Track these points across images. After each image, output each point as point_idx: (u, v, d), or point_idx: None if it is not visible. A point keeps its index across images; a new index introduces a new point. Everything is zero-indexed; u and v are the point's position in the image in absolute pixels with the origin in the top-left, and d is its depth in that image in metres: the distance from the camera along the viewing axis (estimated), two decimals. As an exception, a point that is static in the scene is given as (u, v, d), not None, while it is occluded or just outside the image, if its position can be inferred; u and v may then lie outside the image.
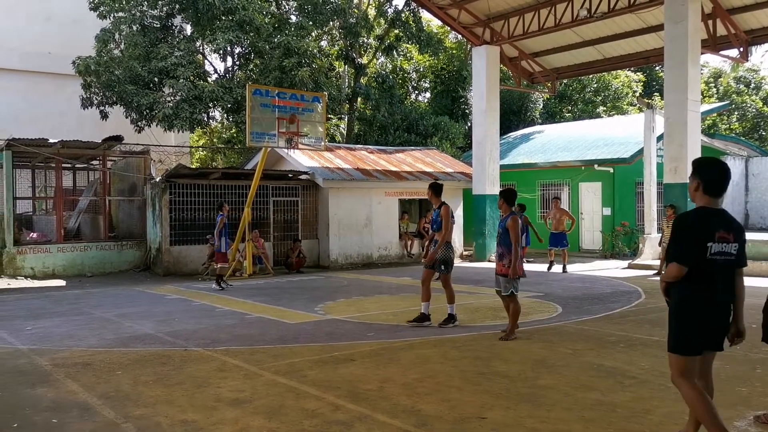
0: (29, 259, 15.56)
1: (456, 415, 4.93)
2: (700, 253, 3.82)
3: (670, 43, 15.14)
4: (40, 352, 7.30)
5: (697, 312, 3.88)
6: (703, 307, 3.88)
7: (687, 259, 3.84)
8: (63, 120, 24.26)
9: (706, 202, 3.96)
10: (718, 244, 3.83)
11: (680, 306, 3.94)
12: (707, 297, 3.87)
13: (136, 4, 21.78)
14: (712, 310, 3.90)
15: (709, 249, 3.81)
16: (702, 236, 3.82)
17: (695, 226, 3.88)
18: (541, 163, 22.21)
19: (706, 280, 3.85)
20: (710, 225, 3.85)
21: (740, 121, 36.38)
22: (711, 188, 3.94)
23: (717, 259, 3.83)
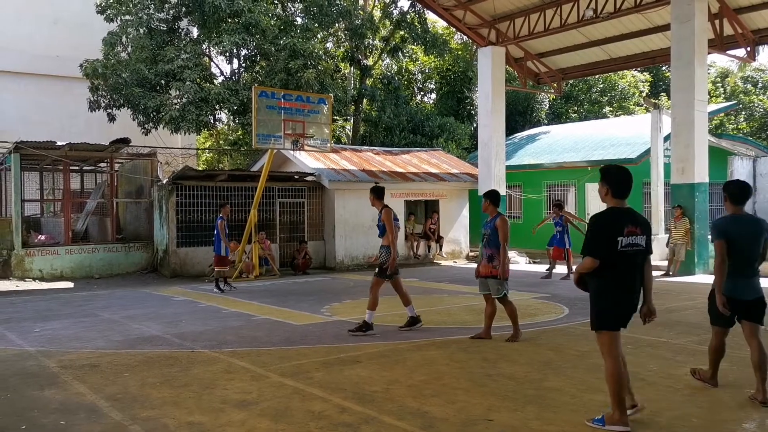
0: (37, 261, 15.64)
1: (463, 417, 4.92)
2: (611, 247, 4.46)
3: (677, 43, 15.08)
4: (48, 354, 7.33)
5: (613, 295, 4.54)
6: (617, 291, 4.54)
7: (599, 253, 4.51)
8: (71, 123, 24.40)
9: (615, 203, 4.65)
10: (627, 238, 4.48)
11: (599, 291, 4.59)
12: (620, 283, 4.53)
13: (143, 8, 21.88)
14: (625, 294, 4.56)
15: (619, 243, 4.46)
16: (612, 233, 4.48)
17: (606, 224, 4.56)
18: (547, 163, 22.15)
19: (619, 269, 4.51)
20: (619, 222, 4.52)
21: (748, 121, 36.20)
22: (617, 191, 4.64)
23: (627, 250, 4.49)
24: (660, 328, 8.43)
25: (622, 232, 4.49)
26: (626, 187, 4.66)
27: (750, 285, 5.23)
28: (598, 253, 4.51)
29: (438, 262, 19.49)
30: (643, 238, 4.56)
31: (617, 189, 4.65)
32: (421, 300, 11.40)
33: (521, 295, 11.79)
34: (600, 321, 4.63)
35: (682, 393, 5.45)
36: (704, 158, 15.06)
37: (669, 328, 8.44)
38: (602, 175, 4.72)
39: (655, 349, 7.17)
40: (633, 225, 4.55)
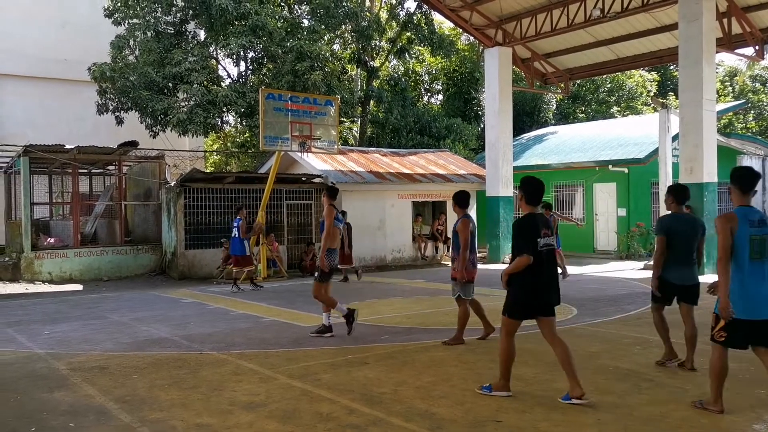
0: (46, 264, 15.72)
1: (471, 418, 4.91)
2: (534, 246, 5.18)
3: (685, 42, 15.01)
4: (57, 356, 7.37)
5: (533, 288, 5.23)
6: (537, 284, 5.23)
7: (530, 251, 5.17)
8: (79, 126, 24.51)
9: (529, 209, 5.36)
10: (543, 239, 5.23)
11: (522, 285, 5.25)
12: (539, 278, 5.23)
13: (150, 11, 21.97)
14: (543, 286, 5.25)
15: (539, 243, 5.20)
16: (534, 234, 5.21)
17: (529, 227, 5.24)
18: (555, 164, 22.09)
19: (540, 265, 5.20)
20: (537, 226, 5.25)
21: (756, 119, 35.99)
22: (530, 199, 5.38)
23: (543, 249, 5.23)
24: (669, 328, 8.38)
25: (540, 233, 5.23)
26: (538, 196, 5.42)
27: (688, 273, 6.12)
28: (530, 252, 5.17)
29: (446, 263, 19.47)
30: (552, 239, 5.37)
31: (530, 197, 5.38)
32: (428, 301, 11.40)
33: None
34: (512, 310, 5.37)
35: (692, 394, 5.42)
36: (713, 158, 14.98)
37: (679, 328, 8.36)
38: (520, 185, 5.48)
39: (663, 349, 7.11)
40: (546, 228, 5.32)
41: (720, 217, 4.87)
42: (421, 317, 9.70)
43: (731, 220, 4.74)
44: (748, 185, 4.83)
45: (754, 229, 4.71)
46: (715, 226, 4.83)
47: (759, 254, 4.69)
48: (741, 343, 4.86)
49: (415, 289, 13.23)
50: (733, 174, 4.93)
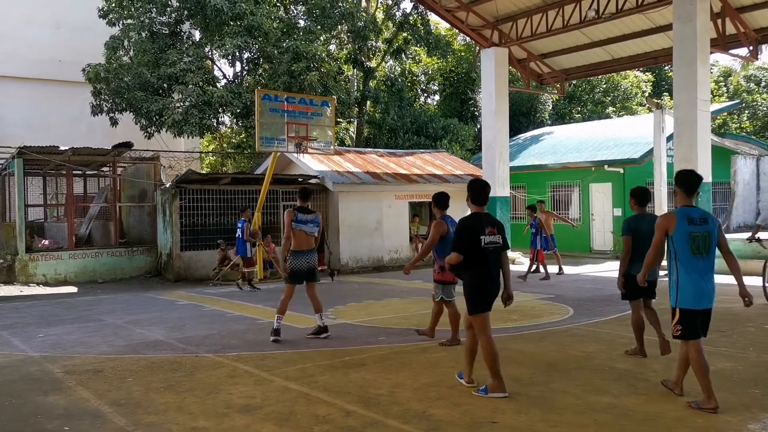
0: (41, 266, 15.67)
1: (468, 419, 4.91)
2: (475, 244, 5.47)
3: (679, 42, 15.03)
4: (52, 359, 7.34)
5: (481, 284, 5.54)
6: (484, 280, 5.53)
7: (463, 249, 5.51)
8: (73, 127, 24.42)
9: (476, 209, 5.71)
10: (488, 237, 5.51)
11: (472, 282, 5.57)
12: (485, 274, 5.54)
13: (145, 11, 21.89)
14: (489, 282, 5.54)
15: (483, 240, 5.48)
16: (476, 232, 5.49)
17: (471, 225, 5.56)
18: (551, 164, 22.12)
19: (484, 262, 5.52)
20: (481, 224, 5.56)
21: (751, 119, 36.09)
22: (476, 200, 5.73)
23: (489, 246, 5.52)
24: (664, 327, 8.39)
25: (484, 232, 5.52)
26: (484, 197, 5.78)
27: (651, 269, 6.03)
28: (462, 250, 5.52)
29: (442, 263, 19.46)
30: (499, 237, 5.61)
31: (476, 198, 5.74)
32: (425, 302, 11.36)
33: (525, 296, 11.77)
34: (475, 307, 5.59)
35: (687, 394, 5.42)
36: (707, 158, 15.01)
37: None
38: (468, 186, 5.88)
39: (658, 349, 7.12)
40: (491, 227, 5.61)
41: (661, 217, 5.35)
42: (418, 318, 9.69)
43: (668, 220, 5.16)
44: (692, 187, 5.22)
45: (694, 227, 5.07)
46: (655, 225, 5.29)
47: (700, 249, 5.05)
48: (695, 333, 5.13)
49: (412, 290, 13.23)
50: (678, 176, 5.31)
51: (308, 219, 8.14)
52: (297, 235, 8.00)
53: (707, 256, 5.08)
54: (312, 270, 8.13)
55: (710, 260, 5.11)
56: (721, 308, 9.95)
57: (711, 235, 5.10)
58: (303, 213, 8.14)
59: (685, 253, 5.05)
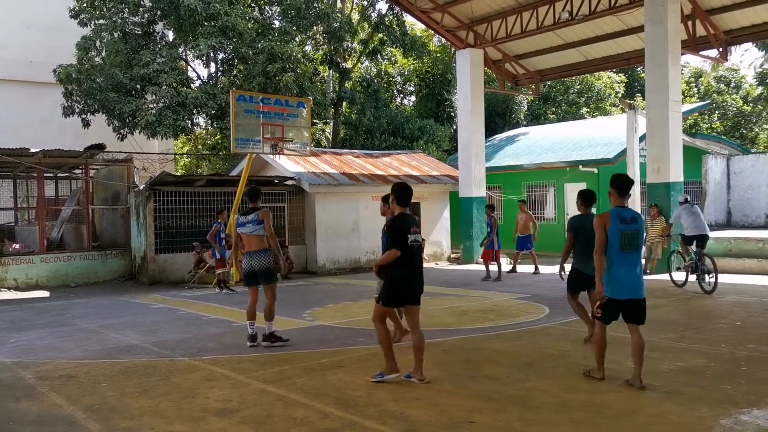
0: (12, 271, 15.37)
1: (445, 419, 4.92)
2: (404, 242, 5.88)
3: (651, 44, 15.27)
4: (24, 365, 7.20)
5: (406, 279, 5.93)
6: (409, 276, 5.95)
7: (399, 246, 5.87)
8: (44, 129, 24.02)
9: (401, 209, 6.09)
10: (413, 236, 5.93)
11: (395, 277, 5.93)
12: (410, 270, 5.95)
13: (117, 11, 21.61)
14: (414, 278, 5.97)
15: (409, 239, 5.90)
16: (405, 231, 5.91)
17: (401, 225, 5.96)
18: (526, 164, 22.30)
19: (409, 259, 5.91)
20: (408, 224, 5.95)
21: (721, 119, 36.76)
22: (401, 201, 6.10)
23: (414, 245, 5.94)
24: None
25: (410, 231, 5.93)
26: (408, 199, 6.14)
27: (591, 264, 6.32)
28: (399, 247, 5.88)
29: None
30: (420, 236, 6.09)
31: (400, 200, 6.10)
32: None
33: (502, 296, 11.85)
34: (389, 299, 6.04)
35: (661, 390, 5.51)
36: (679, 158, 15.26)
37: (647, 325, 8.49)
38: (392, 190, 6.23)
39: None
40: (416, 227, 6.03)
41: (597, 216, 5.84)
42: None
43: (605, 219, 5.72)
44: (625, 190, 5.86)
45: (625, 225, 5.67)
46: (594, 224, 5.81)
47: (629, 246, 5.66)
48: (612, 318, 5.85)
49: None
50: (613, 180, 5.93)
51: (246, 220, 7.80)
52: (241, 237, 7.89)
53: (635, 252, 5.70)
54: (261, 272, 7.73)
55: (638, 255, 5.73)
56: (695, 305, 10.14)
57: (639, 232, 5.72)
58: (244, 215, 7.88)
59: (616, 249, 5.63)
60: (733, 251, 15.21)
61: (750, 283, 12.81)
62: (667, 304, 10.37)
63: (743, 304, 10.17)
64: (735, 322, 8.71)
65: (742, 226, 19.58)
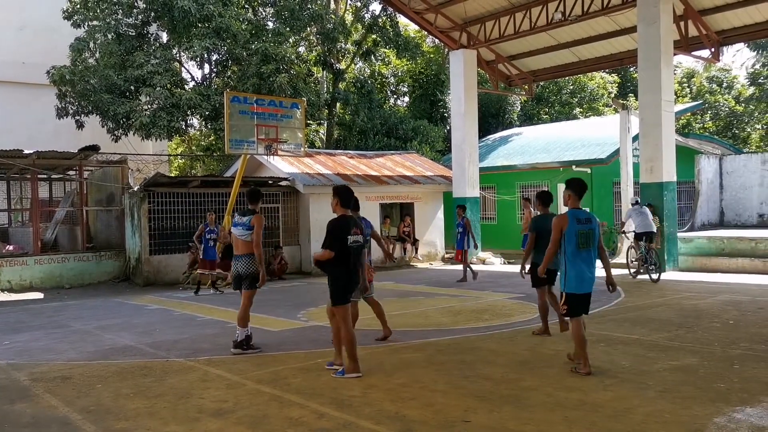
0: (6, 272, 15.30)
1: (440, 419, 4.95)
2: (343, 243, 6.19)
3: (644, 44, 15.35)
4: (19, 367, 7.19)
5: (345, 278, 6.28)
6: (348, 275, 6.29)
7: (333, 247, 6.17)
8: (38, 130, 23.93)
9: (343, 212, 6.38)
10: (353, 236, 6.23)
11: (337, 276, 6.28)
12: (349, 269, 6.28)
13: (111, 13, 21.54)
14: (352, 276, 6.34)
15: (348, 240, 6.20)
16: (344, 233, 6.21)
17: (339, 226, 6.24)
18: (520, 164, 22.35)
19: (348, 259, 6.25)
20: (348, 226, 6.26)
21: (714, 120, 36.92)
22: (344, 203, 6.40)
23: (353, 245, 6.25)
24: (632, 325, 8.57)
25: (350, 232, 6.22)
26: (350, 201, 6.46)
27: (555, 260, 6.88)
28: (333, 248, 6.18)
29: (414, 264, 19.55)
30: (361, 237, 6.40)
31: (343, 202, 6.40)
32: (397, 303, 11.43)
33: (497, 295, 11.89)
34: (338, 299, 6.30)
35: (655, 389, 5.55)
36: (672, 157, 15.35)
37: (641, 325, 8.58)
38: (333, 191, 6.47)
39: (627, 346, 7.28)
40: (357, 228, 6.33)
41: (556, 217, 6.32)
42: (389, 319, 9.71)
43: (563, 220, 6.18)
44: (581, 193, 6.31)
45: (581, 225, 6.16)
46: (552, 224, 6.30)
47: (584, 244, 6.16)
48: (579, 312, 6.22)
49: (383, 292, 13.23)
50: (570, 184, 6.39)
51: (240, 221, 7.53)
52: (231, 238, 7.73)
53: (590, 250, 6.20)
54: (246, 276, 7.45)
55: (592, 253, 6.23)
56: (688, 304, 10.20)
57: (593, 232, 6.21)
58: (241, 215, 7.62)
59: (572, 247, 6.12)
60: (726, 251, 15.29)
61: (743, 282, 12.88)
62: (660, 304, 10.43)
63: (736, 303, 10.24)
64: (728, 321, 8.77)
65: (735, 226, 19.68)
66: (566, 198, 6.37)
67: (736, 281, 13.00)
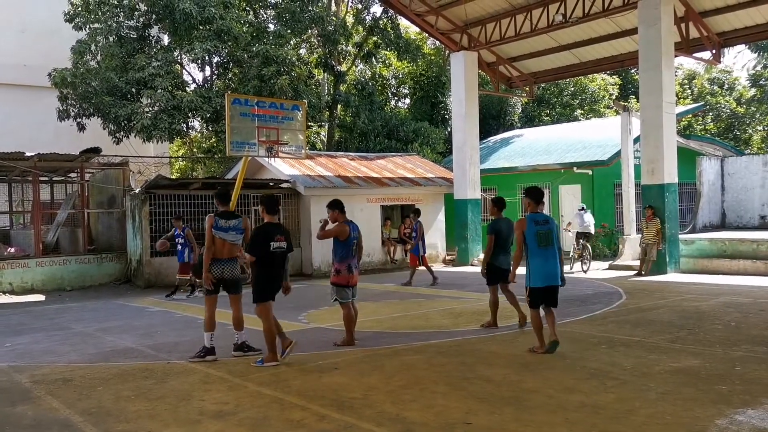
0: (7, 274, 15.31)
1: (441, 421, 4.94)
2: (265, 248, 6.79)
3: (645, 46, 15.35)
4: (20, 369, 7.19)
5: (266, 280, 6.91)
6: (270, 278, 6.93)
7: (255, 252, 6.83)
8: (40, 132, 23.95)
9: (269, 218, 6.97)
10: (276, 243, 6.82)
11: (260, 277, 6.91)
12: (270, 272, 6.92)
13: (112, 15, 21.58)
14: (274, 279, 6.95)
15: (272, 246, 6.81)
16: (267, 239, 6.80)
17: (263, 233, 6.85)
18: (521, 166, 22.35)
19: (271, 263, 6.88)
20: (272, 233, 6.86)
21: (715, 121, 36.90)
22: (269, 210, 6.95)
23: (276, 251, 6.85)
24: (633, 326, 8.56)
25: (273, 239, 6.79)
26: (275, 208, 7.07)
27: (506, 260, 8.54)
28: (254, 253, 6.82)
29: (415, 266, 19.50)
30: (285, 243, 6.91)
31: (269, 209, 6.96)
32: (399, 305, 11.43)
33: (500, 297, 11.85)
34: (260, 297, 6.88)
35: (656, 391, 5.54)
36: (673, 159, 15.34)
37: (642, 326, 8.57)
38: (260, 200, 7.12)
39: (628, 348, 7.27)
40: (280, 235, 6.86)
41: (517, 222, 7.14)
42: (390, 321, 9.72)
43: (523, 223, 7.01)
44: (538, 199, 7.13)
45: (539, 227, 6.94)
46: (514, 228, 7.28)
47: (544, 243, 6.89)
48: (540, 303, 7.05)
49: (384, 293, 13.25)
50: (528, 192, 7.21)
51: (228, 226, 7.30)
52: (215, 242, 7.29)
53: (550, 247, 6.91)
54: (233, 281, 7.39)
55: (553, 250, 6.94)
56: (690, 306, 10.18)
57: (551, 232, 6.96)
58: (225, 219, 7.33)
59: (533, 246, 6.89)
60: (728, 252, 15.27)
61: (744, 283, 12.87)
62: (662, 306, 10.41)
63: (738, 304, 10.23)
64: (730, 322, 8.75)
65: (737, 227, 19.66)
66: (526, 204, 7.23)
67: (738, 283, 12.98)
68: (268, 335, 6.91)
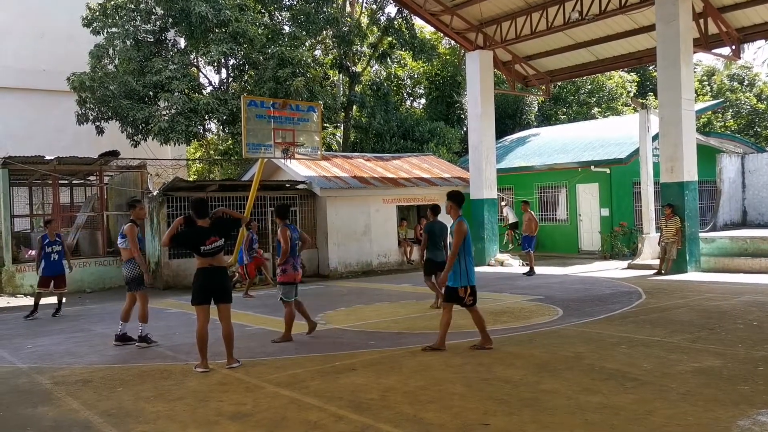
0: (28, 277, 15.51)
1: (459, 422, 4.91)
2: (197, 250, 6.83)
3: (663, 43, 15.18)
4: (41, 371, 7.27)
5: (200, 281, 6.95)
6: (202, 279, 6.93)
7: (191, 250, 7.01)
8: (59, 136, 24.25)
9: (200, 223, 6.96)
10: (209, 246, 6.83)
11: (196, 278, 7.01)
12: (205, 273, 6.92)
13: (129, 20, 21.81)
14: (210, 279, 6.94)
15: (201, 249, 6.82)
16: (197, 241, 6.86)
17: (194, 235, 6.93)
18: (538, 165, 22.22)
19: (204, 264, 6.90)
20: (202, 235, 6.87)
21: (735, 118, 36.45)
22: (198, 215, 6.98)
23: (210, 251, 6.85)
24: (653, 326, 8.46)
25: (204, 242, 6.81)
26: (204, 212, 7.00)
27: (440, 254, 10.26)
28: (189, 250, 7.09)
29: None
30: (222, 241, 6.93)
31: (197, 213, 6.98)
32: (415, 306, 11.40)
33: (515, 297, 11.81)
34: (193, 299, 7.01)
35: (677, 392, 5.46)
36: (693, 157, 15.15)
37: (662, 326, 8.47)
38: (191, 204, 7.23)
39: (648, 348, 7.18)
40: (216, 236, 6.88)
41: (459, 224, 7.25)
42: (408, 322, 9.70)
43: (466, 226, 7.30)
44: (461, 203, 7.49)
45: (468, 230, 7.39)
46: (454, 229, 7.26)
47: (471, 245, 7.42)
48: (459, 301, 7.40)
49: (401, 294, 13.23)
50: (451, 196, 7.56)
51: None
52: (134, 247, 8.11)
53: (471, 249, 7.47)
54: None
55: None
56: (711, 305, 10.05)
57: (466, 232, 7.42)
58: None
59: (468, 248, 7.27)
60: (749, 250, 15.05)
61: (766, 282, 12.67)
62: (682, 305, 10.29)
63: (760, 303, 10.08)
64: (751, 322, 8.63)
65: (758, 225, 19.37)
66: (449, 208, 7.49)
67: (760, 282, 12.78)
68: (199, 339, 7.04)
